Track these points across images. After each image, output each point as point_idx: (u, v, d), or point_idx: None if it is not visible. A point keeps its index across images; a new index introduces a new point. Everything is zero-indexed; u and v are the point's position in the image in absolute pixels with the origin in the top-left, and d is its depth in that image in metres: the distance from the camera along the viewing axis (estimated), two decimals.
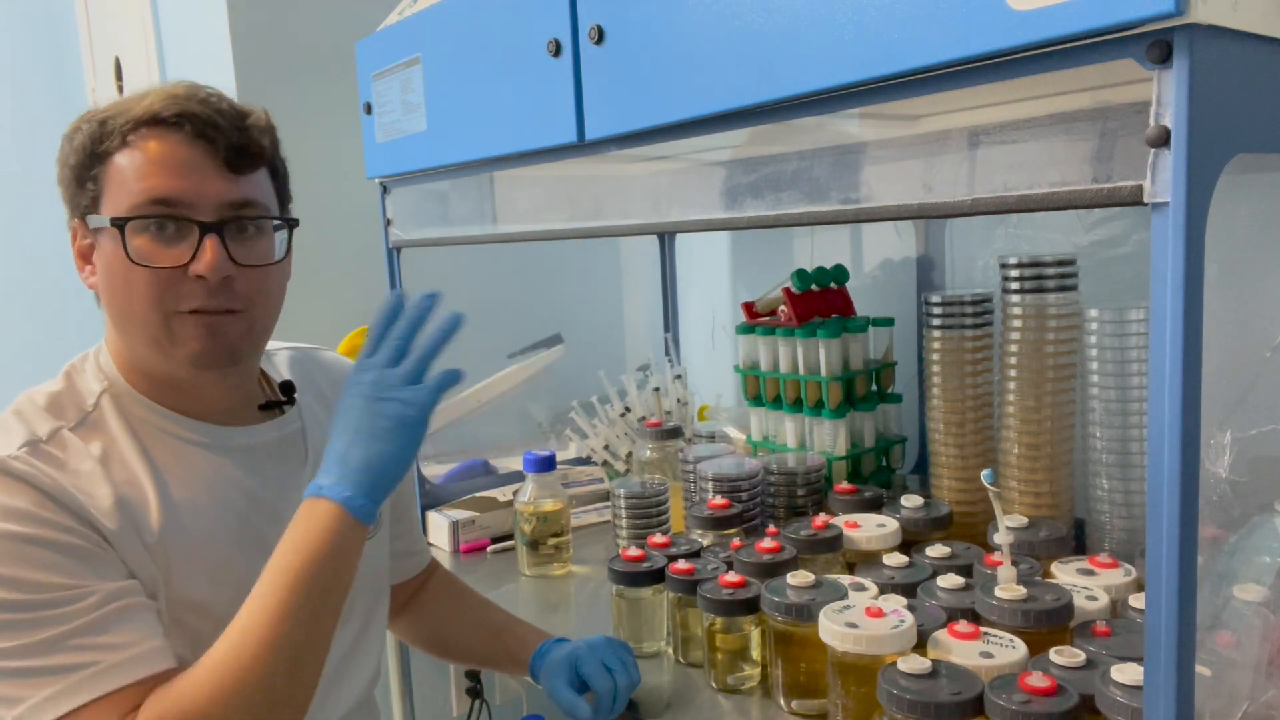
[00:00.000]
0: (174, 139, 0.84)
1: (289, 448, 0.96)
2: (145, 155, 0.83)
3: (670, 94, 0.85)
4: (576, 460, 1.75)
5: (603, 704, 0.93)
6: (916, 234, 1.49)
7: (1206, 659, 0.68)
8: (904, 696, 0.75)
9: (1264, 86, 0.58)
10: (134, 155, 0.83)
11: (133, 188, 0.83)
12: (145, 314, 0.84)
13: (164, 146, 0.84)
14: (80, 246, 0.88)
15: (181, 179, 0.83)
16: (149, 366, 0.88)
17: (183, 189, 0.83)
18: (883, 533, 1.11)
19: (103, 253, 0.85)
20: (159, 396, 0.89)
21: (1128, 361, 1.04)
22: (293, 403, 0.98)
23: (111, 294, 0.86)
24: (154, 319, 0.84)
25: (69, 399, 0.86)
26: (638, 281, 2.14)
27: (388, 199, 1.43)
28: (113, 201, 0.84)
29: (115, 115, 0.84)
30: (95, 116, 0.85)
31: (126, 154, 0.83)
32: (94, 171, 0.85)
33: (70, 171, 0.86)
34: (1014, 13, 0.58)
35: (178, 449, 0.88)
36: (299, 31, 1.72)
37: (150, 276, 0.83)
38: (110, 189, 0.84)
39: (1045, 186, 0.63)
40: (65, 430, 0.83)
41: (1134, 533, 1.07)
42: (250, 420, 0.94)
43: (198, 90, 0.87)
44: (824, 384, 1.33)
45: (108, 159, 0.84)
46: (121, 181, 0.83)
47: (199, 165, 0.84)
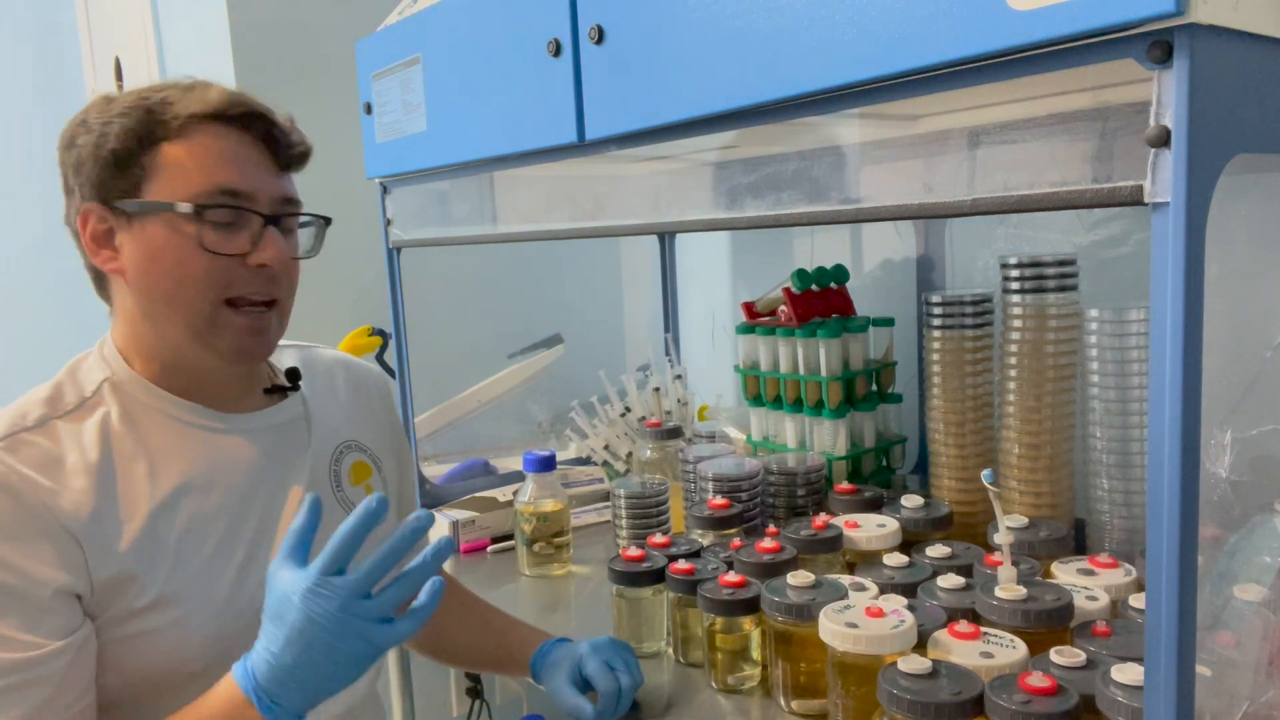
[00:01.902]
0: (237, 136, 0.88)
1: (291, 432, 0.98)
2: (208, 148, 0.86)
3: (670, 94, 0.85)
4: (576, 460, 1.75)
5: (607, 704, 0.93)
6: (916, 234, 1.49)
7: (1206, 659, 0.68)
8: (904, 696, 0.75)
9: (1264, 86, 0.58)
10: (193, 146, 0.85)
11: (195, 178, 0.85)
12: (194, 300, 0.86)
13: (227, 142, 0.87)
14: (96, 230, 0.87)
15: (245, 173, 0.87)
16: (172, 353, 0.89)
17: (247, 183, 0.87)
18: (883, 533, 1.11)
19: (144, 237, 0.85)
20: (168, 383, 0.90)
21: (1128, 361, 1.04)
22: (297, 388, 1.00)
23: (154, 277, 0.86)
24: (203, 306, 0.86)
25: (69, 389, 0.88)
26: (638, 281, 2.14)
27: (388, 199, 1.43)
28: (168, 189, 0.85)
29: (165, 104, 0.85)
30: (139, 104, 0.85)
31: (183, 144, 0.85)
32: (142, 157, 0.85)
33: (105, 154, 0.85)
34: (1014, 13, 0.58)
35: (181, 431, 0.89)
36: (299, 31, 1.72)
37: (210, 262, 0.85)
38: (162, 176, 0.85)
39: (1045, 186, 0.63)
40: (56, 420, 0.84)
41: (1134, 533, 1.07)
42: (254, 406, 0.96)
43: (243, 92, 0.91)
44: (824, 384, 1.33)
45: (157, 146, 0.85)
46: (180, 170, 0.85)
47: (258, 162, 0.89)
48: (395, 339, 1.48)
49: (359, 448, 1.04)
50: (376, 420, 1.09)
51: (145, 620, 0.83)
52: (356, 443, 1.04)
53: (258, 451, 0.93)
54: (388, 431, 1.10)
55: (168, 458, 0.87)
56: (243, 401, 0.95)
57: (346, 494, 1.00)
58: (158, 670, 0.83)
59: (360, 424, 1.06)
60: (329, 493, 0.98)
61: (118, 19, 2.23)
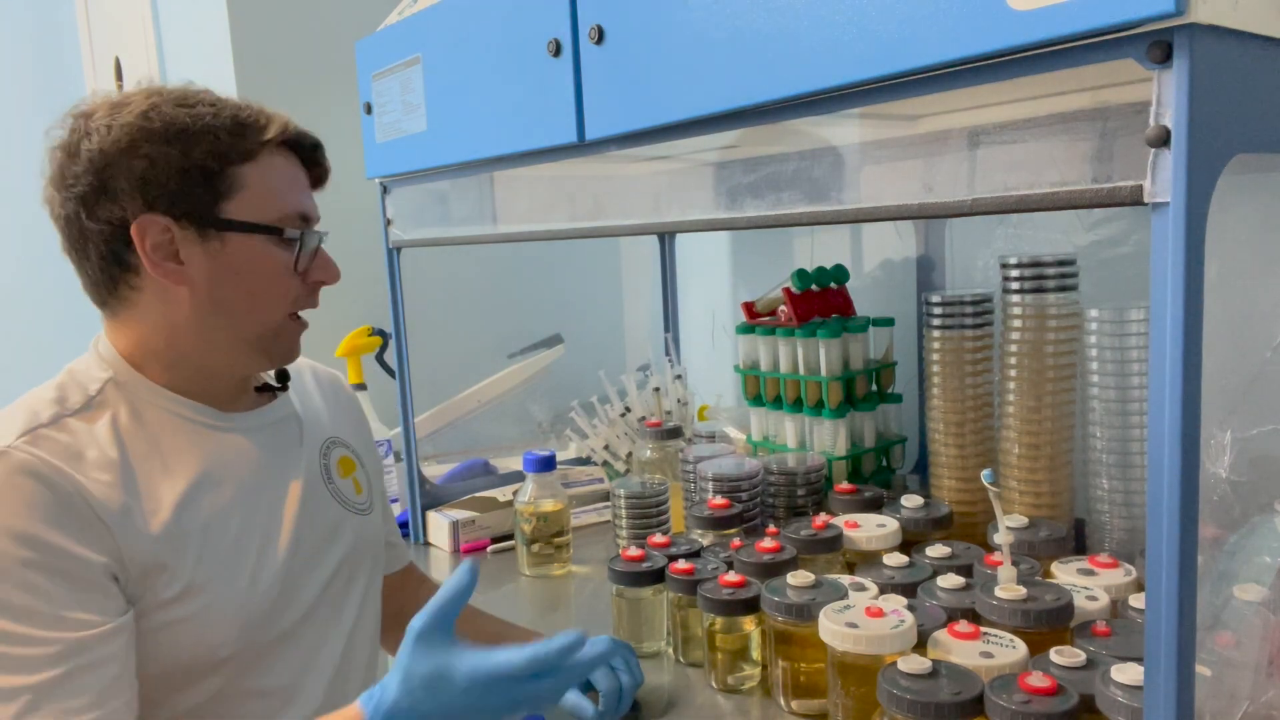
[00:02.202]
0: (296, 160, 0.94)
1: (285, 428, 1.00)
2: (283, 172, 0.91)
3: (670, 94, 0.85)
4: (576, 460, 1.75)
5: (608, 704, 0.93)
6: (916, 234, 1.49)
7: (1206, 659, 0.68)
8: (904, 696, 0.75)
9: (1264, 86, 0.58)
10: (268, 170, 0.89)
11: (276, 201, 0.90)
12: (269, 315, 0.91)
13: (291, 167, 0.93)
14: (159, 241, 0.85)
15: (308, 197, 0.95)
16: (204, 357, 0.91)
17: (309, 207, 0.94)
18: (883, 533, 1.11)
19: (224, 253, 0.88)
20: (170, 382, 0.91)
21: (1128, 361, 1.04)
22: (286, 388, 1.03)
23: (230, 292, 0.89)
24: (275, 320, 0.92)
25: (73, 388, 0.88)
26: (638, 281, 2.14)
27: (388, 199, 1.43)
28: (250, 209, 0.88)
29: (245, 125, 0.88)
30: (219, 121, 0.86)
31: (258, 168, 0.89)
32: (226, 174, 0.87)
33: (191, 169, 0.85)
34: (1014, 13, 0.58)
35: (184, 428, 0.90)
36: (299, 31, 1.72)
37: (292, 283, 0.92)
38: (244, 195, 0.88)
39: (1045, 186, 0.63)
40: (68, 417, 0.84)
41: (1134, 533, 1.07)
42: (249, 405, 0.98)
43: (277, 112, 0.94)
44: (824, 384, 1.33)
45: (236, 166, 0.87)
46: (261, 191, 0.88)
47: (308, 186, 0.96)
48: (395, 339, 1.48)
49: (342, 443, 1.06)
50: (351, 420, 1.12)
51: (174, 610, 0.84)
52: (339, 439, 1.06)
53: (258, 447, 0.95)
54: (359, 431, 1.13)
55: (179, 454, 0.88)
56: (240, 400, 0.97)
57: (337, 486, 1.02)
58: (187, 657, 0.85)
59: (339, 421, 1.09)
60: (321, 485, 1.00)
61: (118, 19, 2.23)
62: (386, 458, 1.62)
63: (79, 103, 0.91)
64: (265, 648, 0.89)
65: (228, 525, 0.89)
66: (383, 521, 1.12)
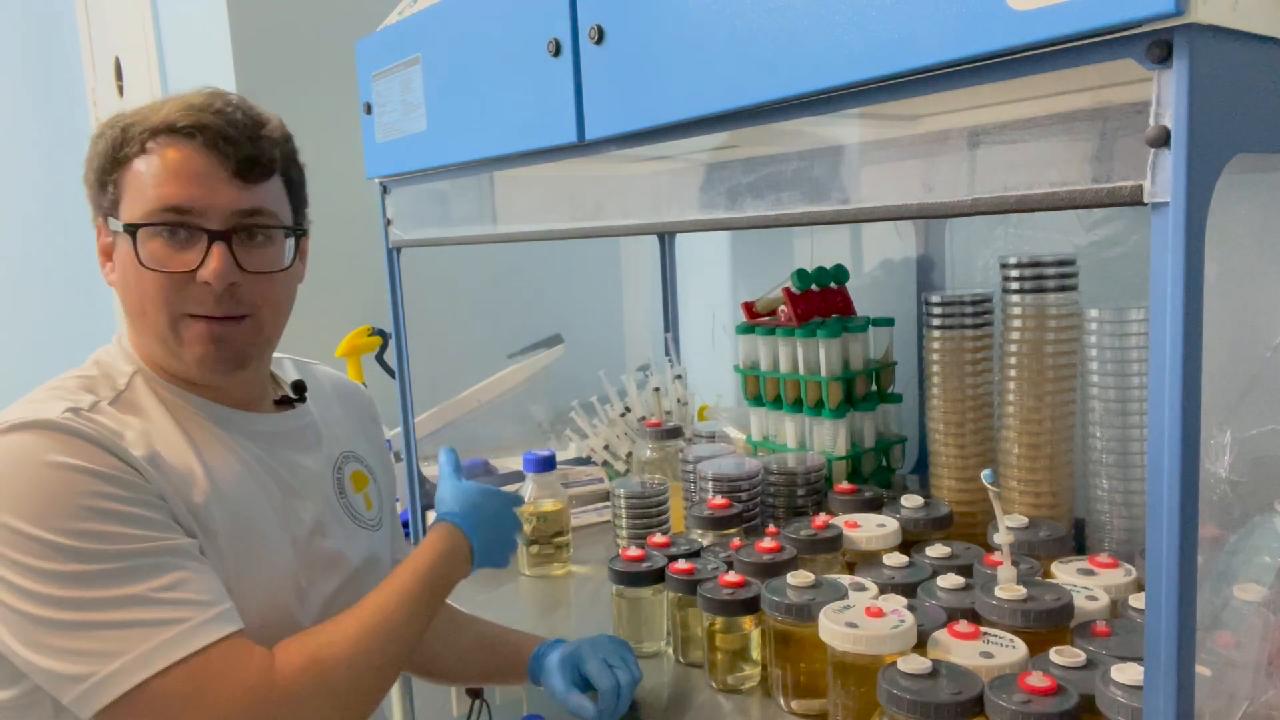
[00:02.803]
0: (188, 149, 0.87)
1: (303, 437, 1.00)
2: (161, 163, 0.86)
3: (670, 94, 0.85)
4: (576, 460, 1.75)
5: (607, 701, 0.94)
6: (916, 234, 1.49)
7: (1206, 659, 0.68)
8: (904, 696, 0.75)
9: (1264, 86, 0.58)
10: (151, 162, 0.86)
11: (148, 194, 0.86)
12: (155, 316, 0.87)
13: (179, 155, 0.86)
14: (103, 244, 0.91)
15: (193, 188, 0.86)
16: (163, 361, 0.91)
17: (194, 197, 0.86)
18: (883, 533, 1.11)
19: (119, 253, 0.89)
20: (185, 384, 0.92)
21: (1128, 361, 1.04)
22: (304, 400, 1.02)
23: (126, 293, 0.89)
24: (163, 321, 0.87)
25: (101, 381, 0.88)
26: (638, 281, 2.14)
27: (388, 199, 1.43)
28: (129, 206, 0.87)
29: (136, 122, 0.87)
30: (119, 122, 0.88)
31: (144, 160, 0.87)
32: (114, 175, 0.88)
33: (94, 174, 0.89)
34: (1014, 13, 0.58)
35: (206, 427, 0.91)
36: (299, 31, 1.72)
37: (160, 280, 0.86)
38: (128, 194, 0.87)
39: (1045, 186, 0.63)
40: (104, 404, 0.85)
41: (1134, 533, 1.07)
42: (267, 410, 0.98)
43: (215, 99, 0.89)
44: (824, 384, 1.33)
45: (127, 164, 0.87)
46: (139, 187, 0.86)
47: (210, 175, 0.87)
48: (395, 339, 1.48)
49: (356, 458, 1.06)
50: (368, 436, 1.11)
51: None
52: (354, 453, 1.06)
53: (276, 454, 0.95)
54: (376, 447, 1.13)
55: (207, 453, 0.89)
56: (257, 406, 0.97)
57: (349, 501, 1.02)
58: None
59: (354, 436, 1.08)
60: (334, 498, 1.00)
61: (118, 19, 2.23)
62: None
63: None
64: None
65: (250, 528, 0.89)
66: (390, 537, 1.12)
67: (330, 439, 1.03)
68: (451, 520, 0.97)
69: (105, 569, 0.75)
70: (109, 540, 0.76)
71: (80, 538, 0.75)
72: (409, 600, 0.88)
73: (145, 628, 0.75)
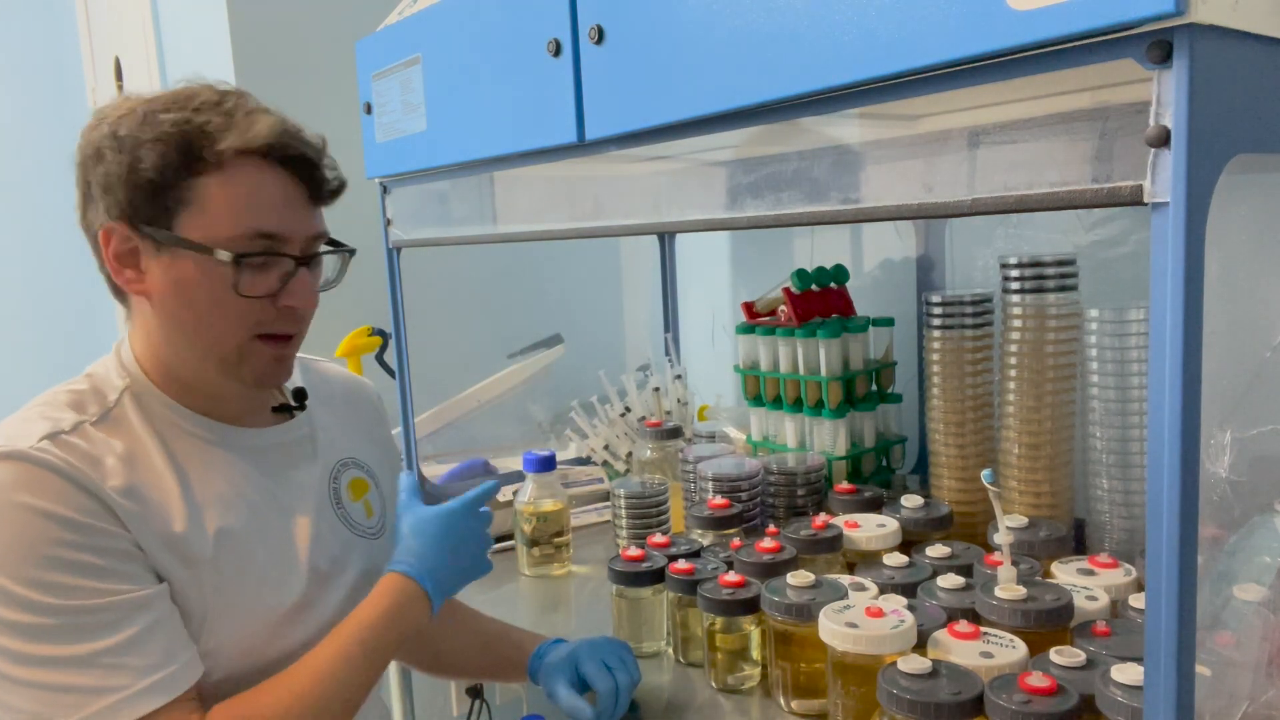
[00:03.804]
0: (278, 174, 0.86)
1: (299, 449, 0.98)
2: (249, 186, 0.84)
3: (670, 94, 0.85)
4: (576, 460, 1.75)
5: (605, 703, 0.94)
6: (916, 234, 1.49)
7: (1206, 659, 0.68)
8: (904, 696, 0.75)
9: (1264, 86, 0.58)
10: (233, 184, 0.83)
11: (236, 217, 0.84)
12: (224, 336, 0.86)
13: (268, 180, 0.85)
14: (120, 249, 0.85)
15: (282, 215, 0.86)
16: (192, 374, 0.89)
17: (284, 224, 0.86)
18: (883, 533, 1.11)
19: (174, 267, 0.84)
20: (183, 398, 0.90)
21: (1128, 361, 1.04)
22: (304, 408, 1.00)
23: (181, 308, 0.86)
24: (231, 342, 0.87)
25: (91, 396, 0.87)
26: (638, 281, 2.14)
27: (388, 199, 1.43)
28: (204, 224, 0.83)
29: (208, 135, 0.83)
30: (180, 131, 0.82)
31: (222, 180, 0.83)
32: (182, 183, 0.83)
33: (140, 180, 0.82)
34: (1014, 13, 0.58)
35: (197, 446, 0.89)
36: (299, 31, 1.72)
37: (242, 304, 0.85)
38: (199, 210, 0.83)
39: (1045, 186, 0.63)
40: (87, 424, 0.83)
41: (1134, 533, 1.07)
42: (263, 423, 0.96)
43: (286, 120, 0.88)
44: (824, 384, 1.33)
45: (197, 177, 0.83)
46: (223, 206, 0.83)
47: (295, 201, 0.88)
48: (395, 339, 1.48)
49: (356, 464, 1.04)
50: (371, 437, 1.09)
51: None
52: (354, 459, 1.04)
53: (269, 470, 0.93)
54: (381, 447, 1.10)
55: (192, 474, 0.87)
56: (253, 419, 0.95)
57: (346, 510, 1.00)
58: None
59: (357, 440, 1.06)
60: (329, 510, 0.98)
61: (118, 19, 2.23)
62: None
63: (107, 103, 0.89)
64: (265, 673, 0.86)
65: (234, 549, 0.87)
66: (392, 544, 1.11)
67: (328, 447, 1.01)
68: (400, 570, 0.91)
69: (56, 624, 0.74)
70: (65, 594, 0.75)
71: (37, 588, 0.74)
72: (347, 665, 0.84)
73: (81, 694, 0.74)
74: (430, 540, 0.93)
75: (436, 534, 0.94)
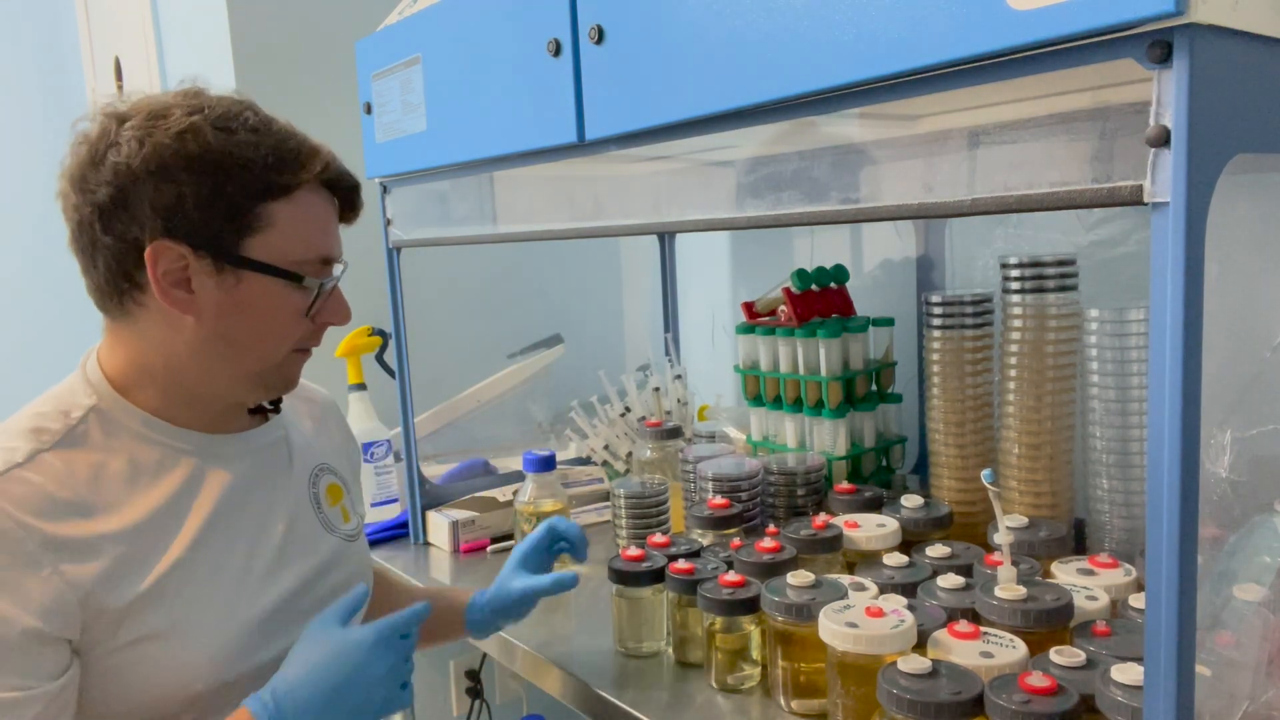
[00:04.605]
0: (329, 199, 0.90)
1: (272, 453, 0.96)
2: (313, 212, 0.88)
3: (670, 94, 0.85)
4: (576, 460, 1.75)
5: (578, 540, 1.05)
6: (916, 234, 1.49)
7: (1206, 659, 0.68)
8: (904, 696, 0.75)
9: (1264, 86, 0.58)
10: (299, 210, 0.86)
11: (304, 243, 0.87)
12: (274, 352, 0.89)
13: (324, 206, 0.90)
14: (171, 269, 0.82)
15: (334, 238, 0.91)
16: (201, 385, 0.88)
17: (335, 248, 0.91)
18: (883, 533, 1.11)
19: (239, 288, 0.84)
20: (162, 410, 0.88)
21: (1128, 361, 1.04)
22: (278, 410, 0.99)
23: (240, 329, 0.86)
24: (277, 357, 0.89)
25: (54, 417, 0.84)
26: (638, 281, 2.14)
27: (388, 199, 1.43)
28: (273, 247, 0.85)
29: (290, 163, 0.85)
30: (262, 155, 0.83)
31: (290, 206, 0.85)
32: (255, 211, 0.83)
33: (221, 203, 0.82)
34: (1014, 13, 0.58)
35: (167, 457, 0.87)
36: (299, 31, 1.72)
37: (301, 323, 0.89)
38: (271, 233, 0.84)
39: (1045, 186, 0.63)
40: (44, 453, 0.80)
41: (1134, 533, 1.07)
42: (240, 428, 0.94)
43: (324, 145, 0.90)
44: (824, 384, 1.33)
45: (272, 201, 0.84)
46: (290, 231, 0.85)
47: (336, 225, 0.92)
48: (395, 339, 1.48)
49: (329, 470, 1.03)
50: (334, 442, 1.08)
51: (148, 646, 0.81)
52: (328, 465, 1.03)
53: (246, 475, 0.92)
54: (344, 451, 1.09)
55: (160, 489, 0.85)
56: (232, 424, 0.93)
57: (326, 515, 0.99)
58: (163, 691, 0.82)
59: (324, 446, 1.05)
60: (311, 514, 0.97)
61: (118, 19, 2.23)
62: (386, 457, 1.62)
63: (115, 100, 0.86)
64: (247, 680, 0.84)
65: (205, 560, 0.85)
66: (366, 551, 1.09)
67: (304, 450, 1.00)
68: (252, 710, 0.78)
69: None
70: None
71: None
72: None
73: None
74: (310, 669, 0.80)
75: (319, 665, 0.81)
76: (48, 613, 0.75)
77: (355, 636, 0.83)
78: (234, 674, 0.84)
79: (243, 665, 0.85)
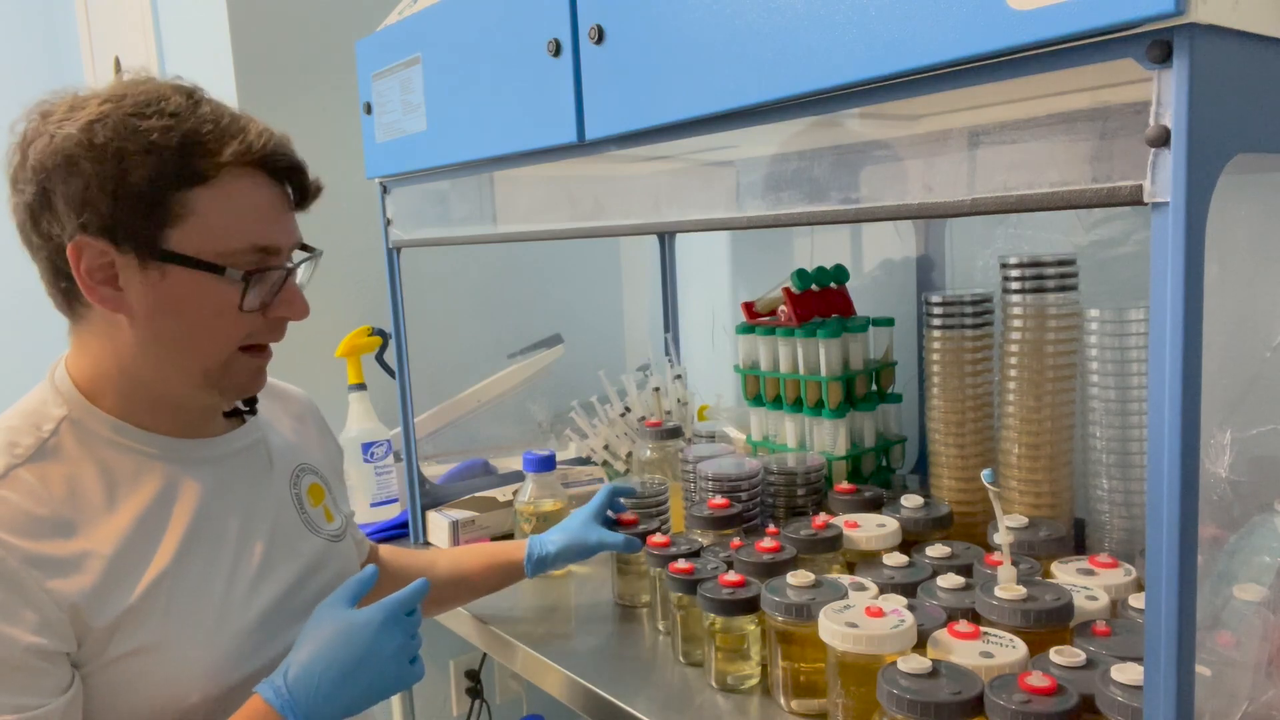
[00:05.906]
0: (268, 183, 0.84)
1: (251, 456, 0.95)
2: (244, 198, 0.82)
3: (670, 94, 0.85)
4: (576, 460, 1.75)
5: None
6: (916, 234, 1.49)
7: (1206, 659, 0.68)
8: (904, 696, 0.75)
9: (1264, 86, 0.58)
10: (228, 196, 0.81)
11: (233, 231, 0.81)
12: (214, 350, 0.84)
13: (261, 191, 0.83)
14: (94, 265, 0.80)
15: (274, 226, 0.84)
16: (160, 388, 0.86)
17: (276, 236, 0.84)
18: (883, 533, 1.11)
19: (165, 284, 0.81)
20: (136, 417, 0.86)
21: (1128, 361, 1.04)
22: (254, 412, 0.97)
23: (171, 324, 0.82)
24: (220, 356, 0.85)
25: (25, 432, 0.82)
26: (638, 281, 2.14)
27: (388, 199, 1.43)
28: (198, 238, 0.80)
29: (202, 145, 0.79)
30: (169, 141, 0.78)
31: (217, 192, 0.80)
32: (171, 199, 0.79)
33: (129, 194, 0.77)
34: (1014, 13, 0.58)
35: (142, 465, 0.85)
36: (299, 31, 1.72)
37: (239, 318, 0.83)
38: (193, 223, 0.80)
39: (1045, 186, 0.63)
40: (18, 468, 0.79)
41: (1134, 533, 1.07)
42: (216, 431, 0.92)
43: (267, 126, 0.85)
44: (824, 384, 1.33)
45: (190, 189, 0.79)
46: (215, 220, 0.80)
47: (284, 210, 0.86)
48: (395, 339, 1.48)
49: (310, 470, 1.01)
50: (314, 442, 1.07)
51: (140, 660, 0.80)
52: (308, 465, 1.01)
53: (224, 479, 0.90)
54: (324, 450, 1.08)
55: (138, 498, 0.83)
56: (207, 427, 0.91)
57: (310, 516, 0.98)
58: (157, 703, 0.81)
59: (304, 446, 1.04)
60: (294, 516, 0.96)
61: (118, 19, 2.23)
62: (386, 457, 1.62)
63: (47, 96, 0.84)
64: (243, 687, 0.83)
65: (190, 568, 0.84)
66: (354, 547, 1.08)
67: (283, 451, 0.98)
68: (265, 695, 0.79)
69: None
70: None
71: None
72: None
73: None
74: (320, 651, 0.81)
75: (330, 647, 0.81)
76: (44, 627, 0.75)
77: (363, 617, 0.83)
78: (229, 683, 0.83)
79: (237, 673, 0.84)
